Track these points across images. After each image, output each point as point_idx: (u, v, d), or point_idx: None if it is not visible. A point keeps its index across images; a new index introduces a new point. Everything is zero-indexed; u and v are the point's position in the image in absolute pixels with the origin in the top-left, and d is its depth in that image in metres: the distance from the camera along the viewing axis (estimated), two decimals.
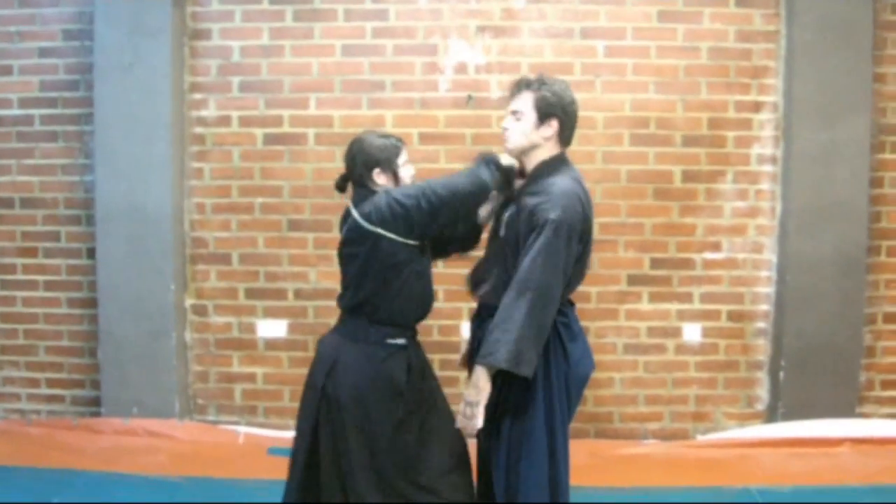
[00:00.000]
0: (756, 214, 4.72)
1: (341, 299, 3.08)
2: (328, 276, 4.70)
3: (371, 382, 2.91)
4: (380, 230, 2.85)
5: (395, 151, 2.99)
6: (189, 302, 4.80)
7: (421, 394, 3.02)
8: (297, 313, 4.77)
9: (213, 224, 4.77)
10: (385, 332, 2.97)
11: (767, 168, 4.70)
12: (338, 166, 4.52)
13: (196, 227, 4.77)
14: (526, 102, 2.90)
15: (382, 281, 2.90)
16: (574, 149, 4.51)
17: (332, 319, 4.57)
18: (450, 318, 4.65)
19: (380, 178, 2.96)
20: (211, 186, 4.75)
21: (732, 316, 4.76)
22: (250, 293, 4.78)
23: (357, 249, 2.92)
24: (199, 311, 4.81)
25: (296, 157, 4.70)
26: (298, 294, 4.76)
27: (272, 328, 4.78)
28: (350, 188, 3.08)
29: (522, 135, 2.92)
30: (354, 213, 2.90)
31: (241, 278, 4.78)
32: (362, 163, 2.96)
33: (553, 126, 2.91)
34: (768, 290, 4.76)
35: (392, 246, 2.87)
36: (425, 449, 2.96)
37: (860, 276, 4.69)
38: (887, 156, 4.71)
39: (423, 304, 3.06)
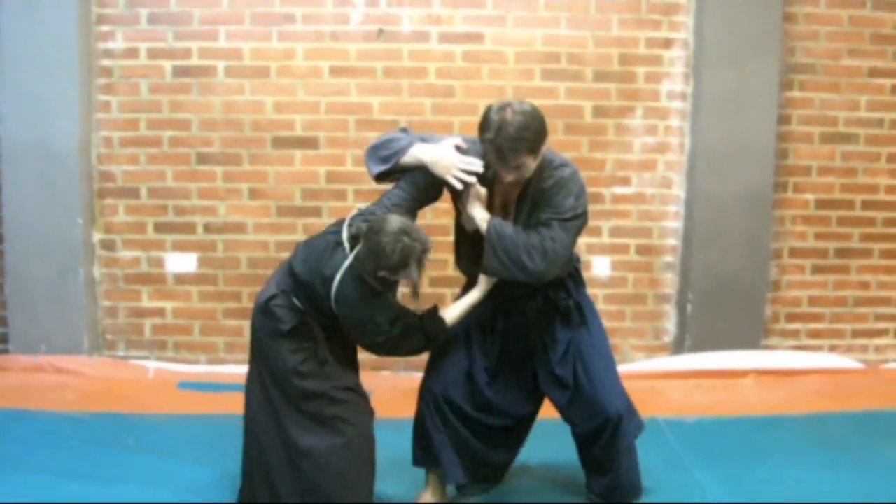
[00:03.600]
0: (665, 150, 5.18)
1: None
2: (237, 209, 5.08)
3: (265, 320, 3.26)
4: (336, 311, 3.11)
5: (406, 266, 2.97)
6: (97, 237, 5.13)
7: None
8: (206, 247, 5.13)
9: (121, 158, 5.08)
10: None
11: (677, 104, 5.15)
12: (247, 99, 4.99)
13: (103, 160, 5.08)
14: (524, 158, 2.98)
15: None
16: (485, 83, 5.06)
17: (243, 253, 5.08)
18: None
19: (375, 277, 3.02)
20: (118, 120, 5.06)
21: (641, 250, 5.23)
22: (159, 227, 5.12)
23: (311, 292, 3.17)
24: (108, 245, 5.14)
25: (205, 89, 5.03)
26: (208, 228, 5.11)
27: (181, 262, 5.14)
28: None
29: (529, 173, 3.07)
30: (333, 287, 3.05)
31: (149, 212, 5.11)
32: (374, 262, 2.96)
33: (545, 146, 3.10)
34: (676, 224, 5.23)
35: None
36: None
37: (767, 212, 5.17)
38: (795, 94, 5.18)
39: None
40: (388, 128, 4.96)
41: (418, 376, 3.46)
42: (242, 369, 4.95)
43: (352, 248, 3.04)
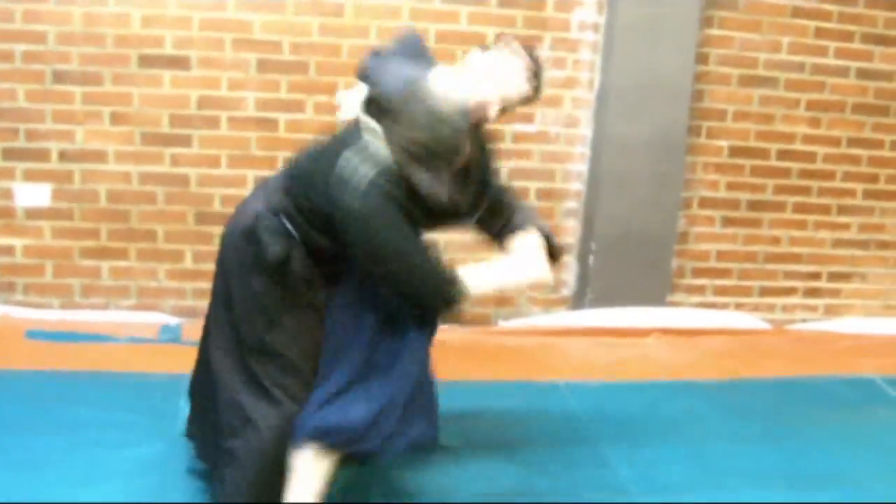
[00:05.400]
0: (573, 85, 4.87)
1: None
2: (97, 135, 4.62)
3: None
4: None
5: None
6: None
7: None
8: (61, 178, 4.66)
9: None
10: None
11: (588, 36, 4.83)
12: (111, 11, 4.50)
13: None
14: None
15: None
16: (379, 3, 4.66)
17: (102, 185, 4.65)
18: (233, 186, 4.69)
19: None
20: None
21: (542, 194, 4.93)
22: (8, 154, 4.63)
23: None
24: None
25: None
26: (63, 155, 4.64)
27: (33, 194, 4.66)
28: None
29: None
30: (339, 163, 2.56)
31: None
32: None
33: None
34: (581, 167, 4.95)
35: None
36: None
37: (679, 158, 4.91)
38: (714, 31, 4.89)
39: None
40: (269, 49, 4.64)
41: None
42: (99, 315, 4.71)
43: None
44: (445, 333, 3.92)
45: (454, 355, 4.50)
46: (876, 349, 4.99)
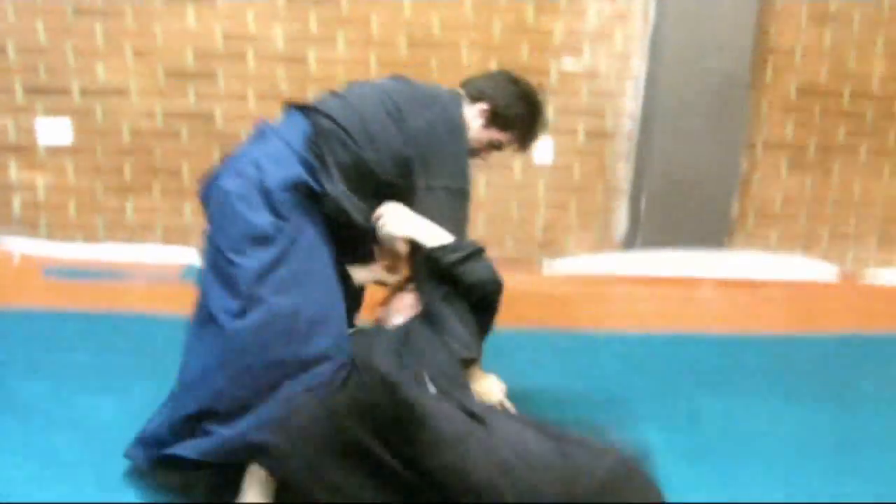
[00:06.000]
0: (625, 18, 4.52)
1: None
2: (119, 71, 4.43)
3: None
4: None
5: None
6: None
7: None
8: (83, 114, 4.50)
9: None
10: None
11: None
12: None
13: None
14: None
15: None
16: None
17: (125, 122, 4.46)
18: None
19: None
20: None
21: (590, 133, 4.63)
22: (29, 90, 4.49)
23: None
24: None
25: None
26: (85, 92, 4.48)
27: (55, 131, 4.52)
28: None
29: None
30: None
31: (18, 73, 4.47)
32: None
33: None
34: (634, 105, 4.62)
35: None
36: None
37: (740, 97, 4.53)
38: None
39: None
40: None
41: None
42: (120, 250, 4.55)
43: None
44: None
45: None
46: None
